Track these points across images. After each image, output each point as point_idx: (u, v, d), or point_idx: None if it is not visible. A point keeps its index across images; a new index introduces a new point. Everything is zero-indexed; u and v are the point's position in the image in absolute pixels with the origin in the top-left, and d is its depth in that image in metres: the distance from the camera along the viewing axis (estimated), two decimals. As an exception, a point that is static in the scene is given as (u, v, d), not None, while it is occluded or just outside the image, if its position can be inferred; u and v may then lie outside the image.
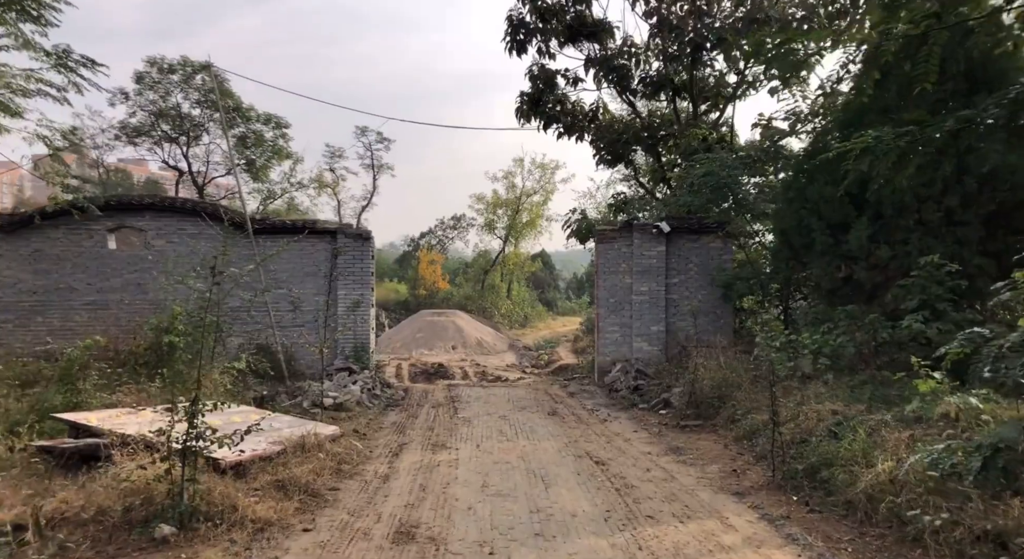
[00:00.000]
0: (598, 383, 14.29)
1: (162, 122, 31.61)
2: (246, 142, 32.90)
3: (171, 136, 32.10)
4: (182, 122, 31.74)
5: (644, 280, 14.02)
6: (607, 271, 14.23)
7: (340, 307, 13.81)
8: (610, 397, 12.98)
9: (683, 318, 14.10)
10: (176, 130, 31.91)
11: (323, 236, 13.87)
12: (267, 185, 35.07)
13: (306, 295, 13.85)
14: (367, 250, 13.85)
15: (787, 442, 7.37)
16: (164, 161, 33.62)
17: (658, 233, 13.90)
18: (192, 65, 30.52)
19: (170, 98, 31.12)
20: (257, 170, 33.60)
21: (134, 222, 13.45)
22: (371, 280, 13.99)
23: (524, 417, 11.27)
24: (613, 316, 14.23)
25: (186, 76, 30.68)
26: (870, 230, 10.06)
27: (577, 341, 29.32)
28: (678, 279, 14.15)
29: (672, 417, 10.73)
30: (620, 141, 17.18)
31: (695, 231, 14.01)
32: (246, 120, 32.68)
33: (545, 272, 46.04)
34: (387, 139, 37.47)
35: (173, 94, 31.16)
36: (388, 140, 37.66)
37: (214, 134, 32.47)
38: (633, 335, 14.11)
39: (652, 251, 13.98)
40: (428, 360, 24.20)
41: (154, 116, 31.24)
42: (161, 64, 30.11)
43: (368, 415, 11.09)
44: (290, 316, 13.78)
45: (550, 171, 35.83)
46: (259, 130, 33.10)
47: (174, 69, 30.51)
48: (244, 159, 33.22)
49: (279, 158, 34.22)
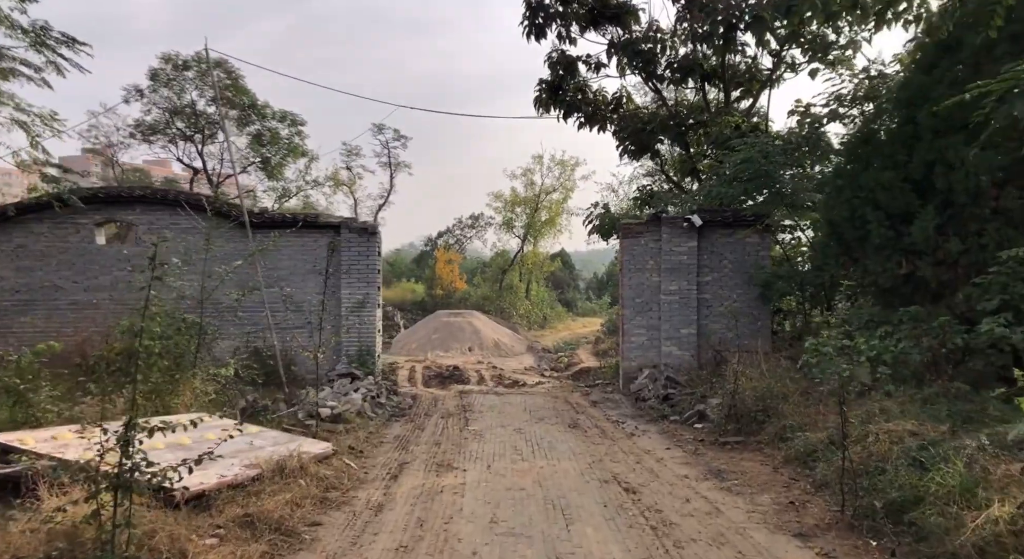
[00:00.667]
0: (623, 391, 13.02)
1: (177, 120, 30.91)
2: (261, 140, 32.08)
3: (186, 134, 31.34)
4: (197, 120, 30.97)
5: (673, 278, 12.74)
6: (633, 269, 12.96)
7: (343, 307, 12.69)
8: (637, 407, 11.72)
9: (716, 320, 12.79)
10: (191, 128, 31.17)
11: (326, 231, 12.76)
12: (282, 183, 34.16)
13: (308, 294, 12.75)
14: (373, 246, 12.72)
15: (855, 469, 6.07)
16: (179, 159, 32.85)
17: (689, 227, 12.60)
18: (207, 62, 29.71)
19: (185, 95, 30.35)
20: (272, 168, 32.72)
21: (124, 216, 12.44)
22: (377, 278, 12.85)
23: (542, 430, 10.04)
24: (639, 318, 12.96)
25: (201, 73, 29.88)
26: (937, 220, 8.71)
27: (598, 343, 28.03)
28: (711, 277, 12.84)
29: (709, 432, 9.45)
30: (645, 131, 15.89)
31: (729, 225, 12.69)
32: (261, 117, 31.85)
33: (564, 272, 44.74)
34: (404, 136, 36.49)
35: (188, 91, 30.36)
36: (405, 138, 36.65)
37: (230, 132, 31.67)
38: (661, 338, 12.82)
39: (682, 246, 12.69)
40: (443, 362, 23.12)
41: (169, 113, 30.53)
42: (176, 60, 29.32)
43: (369, 427, 9.93)
44: (290, 317, 12.68)
45: (570, 168, 34.57)
46: (274, 127, 32.28)
47: (188, 66, 29.71)
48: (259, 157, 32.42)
49: (294, 156, 33.36)
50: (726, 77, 15.74)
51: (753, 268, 12.47)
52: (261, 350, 12.06)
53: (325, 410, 9.91)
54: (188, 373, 8.68)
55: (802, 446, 7.57)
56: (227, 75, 29.88)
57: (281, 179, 33.62)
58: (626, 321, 13.02)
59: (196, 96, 30.39)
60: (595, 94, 17.59)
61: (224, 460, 6.59)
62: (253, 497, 5.98)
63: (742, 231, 12.58)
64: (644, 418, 10.89)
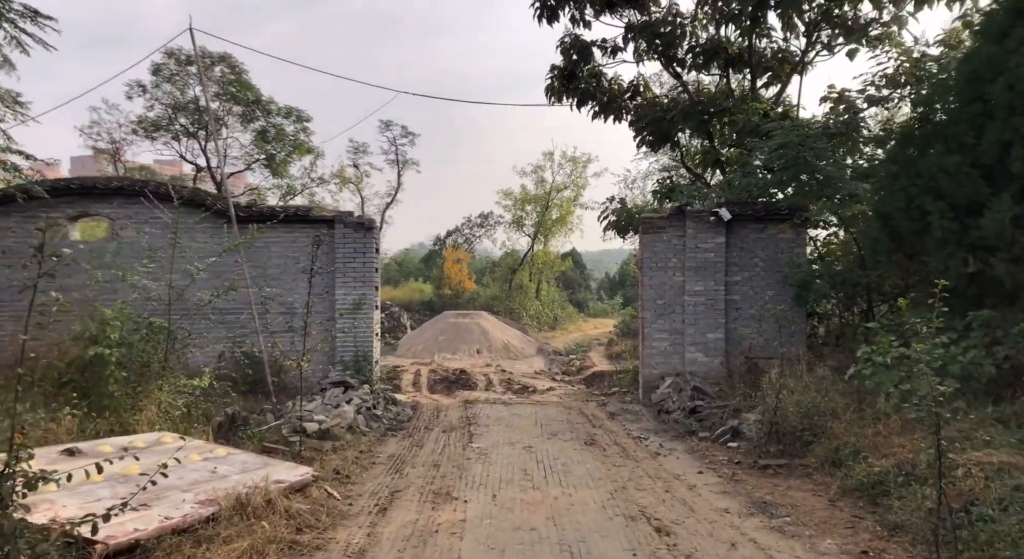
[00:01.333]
0: (643, 401, 11.80)
1: (180, 116, 29.96)
2: (266, 136, 31.08)
3: (189, 131, 30.38)
4: (200, 116, 29.98)
5: (699, 278, 11.51)
6: (654, 267, 11.75)
7: (337, 309, 11.54)
8: (659, 420, 10.50)
9: (746, 324, 11.56)
10: (195, 124, 30.21)
11: (319, 226, 11.61)
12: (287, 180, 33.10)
13: (300, 294, 11.60)
14: (370, 242, 11.57)
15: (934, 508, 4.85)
16: (182, 156, 31.85)
17: (716, 221, 11.38)
18: (211, 56, 28.75)
19: (188, 91, 29.38)
20: (277, 165, 31.71)
21: (100, 209, 11.33)
22: (375, 277, 11.70)
23: (555, 448, 8.86)
24: (661, 321, 11.74)
25: (204, 67, 28.86)
26: (1015, 211, 7.45)
27: (611, 345, 26.79)
28: (740, 276, 11.60)
29: (746, 453, 8.23)
30: (665, 119, 14.65)
31: (760, 219, 11.45)
32: (266, 113, 30.85)
33: (576, 272, 43.48)
34: (412, 133, 35.38)
35: (191, 87, 29.38)
36: (413, 134, 35.56)
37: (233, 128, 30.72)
38: (685, 344, 11.60)
39: (709, 243, 11.47)
40: (450, 365, 22.02)
41: (172, 110, 29.59)
42: (179, 55, 28.33)
43: (361, 444, 8.77)
44: (280, 319, 11.55)
45: (581, 165, 33.33)
46: (279, 124, 31.28)
47: (192, 61, 28.69)
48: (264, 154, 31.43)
49: (299, 153, 32.35)
50: (752, 61, 14.48)
51: (788, 266, 11.22)
52: (249, 355, 10.93)
53: (312, 425, 8.76)
54: (153, 385, 7.55)
55: (864, 475, 6.34)
56: (231, 70, 28.92)
57: (286, 176, 32.59)
58: (646, 324, 11.80)
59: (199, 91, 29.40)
60: (610, 82, 16.37)
61: (175, 495, 5.45)
62: (204, 545, 4.83)
63: (775, 226, 11.34)
64: (669, 434, 9.68)
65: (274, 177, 32.05)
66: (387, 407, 11.08)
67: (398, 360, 23.57)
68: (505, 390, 17.03)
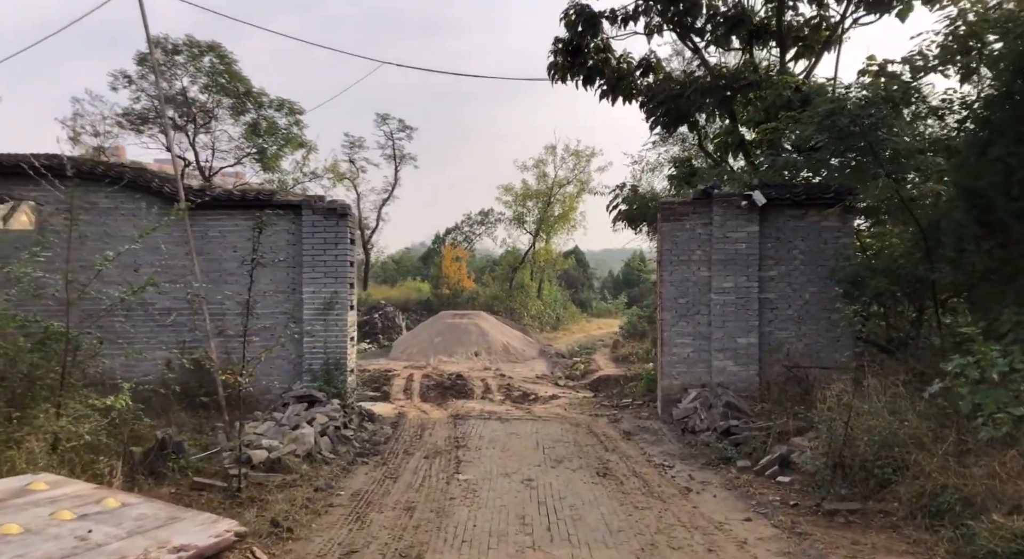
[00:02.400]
0: (662, 416, 9.98)
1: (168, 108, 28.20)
2: (257, 129, 29.33)
3: (177, 124, 28.62)
4: (189, 108, 28.24)
5: (728, 272, 9.70)
6: (675, 260, 9.93)
7: (305, 309, 9.73)
8: (684, 442, 8.67)
9: (783, 326, 9.74)
10: (183, 117, 28.47)
11: (284, 213, 9.81)
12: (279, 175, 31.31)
13: (264, 292, 9.82)
14: (343, 231, 9.76)
15: None
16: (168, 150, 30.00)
17: (748, 206, 9.55)
18: (199, 45, 27.02)
19: (176, 82, 27.62)
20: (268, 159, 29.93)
21: (23, 192, 9.53)
22: (349, 272, 9.90)
23: (561, 481, 7.05)
24: (683, 323, 9.92)
25: (192, 57, 27.18)
26: None
27: (616, 347, 24.96)
28: (776, 271, 9.78)
29: (802, 491, 6.41)
30: (683, 96, 12.81)
31: (800, 204, 9.63)
32: (258, 106, 29.13)
33: (578, 270, 41.61)
34: (409, 127, 33.66)
35: (179, 77, 27.61)
36: (410, 128, 33.85)
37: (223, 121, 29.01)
38: (712, 350, 9.78)
39: (740, 232, 9.65)
40: (446, 369, 20.23)
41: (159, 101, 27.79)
42: (165, 44, 26.58)
43: (320, 477, 6.95)
44: (239, 321, 9.73)
45: (585, 159, 31.45)
46: (271, 116, 29.55)
47: (179, 50, 26.95)
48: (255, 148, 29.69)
49: (291, 146, 30.57)
50: (781, 29, 12.65)
51: (834, 259, 9.38)
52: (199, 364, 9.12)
53: (259, 453, 6.95)
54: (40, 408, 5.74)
55: (996, 542, 4.50)
56: (220, 60, 27.20)
57: (277, 171, 30.82)
58: (666, 327, 9.98)
59: (188, 82, 27.71)
60: (619, 60, 14.55)
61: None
62: None
63: (817, 212, 9.53)
64: (698, 460, 7.85)
65: (265, 171, 30.28)
66: (361, 425, 9.27)
67: (391, 363, 21.79)
68: (504, 398, 15.26)
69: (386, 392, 15.75)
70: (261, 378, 9.76)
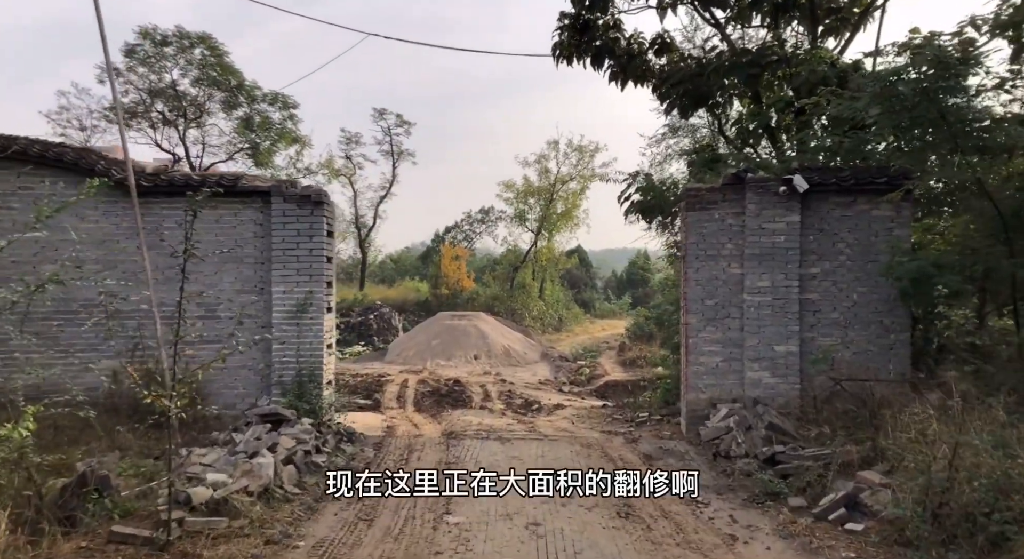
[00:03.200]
0: (688, 435, 8.55)
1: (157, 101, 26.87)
2: (250, 124, 27.99)
3: (167, 118, 27.25)
4: (179, 102, 26.87)
5: (764, 269, 8.27)
6: (701, 255, 8.50)
7: (275, 312, 8.31)
8: (717, 468, 7.24)
9: (827, 331, 8.30)
10: (174, 111, 27.11)
11: (251, 201, 8.39)
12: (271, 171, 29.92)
13: (226, 292, 8.40)
14: (318, 222, 8.34)
15: None
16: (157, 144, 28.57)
17: (788, 193, 8.13)
18: (189, 37, 25.66)
19: (165, 75, 26.25)
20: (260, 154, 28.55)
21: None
22: (326, 269, 8.47)
23: (574, 525, 5.63)
24: (711, 328, 8.49)
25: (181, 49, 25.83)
26: None
27: (623, 350, 23.55)
28: (819, 268, 8.35)
29: (882, 544, 4.98)
30: (703, 74, 11.37)
31: (848, 190, 8.19)
32: (250, 100, 27.78)
33: (581, 270, 40.13)
34: (407, 122, 32.25)
35: (169, 70, 26.24)
36: (408, 123, 32.44)
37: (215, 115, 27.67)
38: (745, 359, 8.34)
39: (778, 222, 8.22)
40: (443, 373, 18.81)
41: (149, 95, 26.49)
42: (154, 35, 25.21)
43: (276, 523, 5.52)
44: (200, 326, 8.31)
45: (588, 155, 30.03)
46: (264, 111, 28.21)
47: (168, 41, 25.56)
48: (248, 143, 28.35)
49: (285, 141, 29.21)
50: (813, 1, 11.21)
51: (887, 253, 7.94)
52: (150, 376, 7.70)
53: (202, 491, 5.53)
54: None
55: None
56: (211, 52, 25.87)
57: (270, 167, 29.44)
58: (692, 332, 8.54)
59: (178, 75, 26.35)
60: (629, 40, 13.11)
61: None
62: None
63: (868, 199, 8.10)
64: (737, 495, 6.43)
65: (257, 167, 28.89)
66: (339, 447, 7.84)
67: (386, 367, 20.40)
68: (505, 407, 13.87)
69: (377, 400, 14.36)
70: (223, 392, 8.36)
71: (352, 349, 23.34)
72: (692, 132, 18.59)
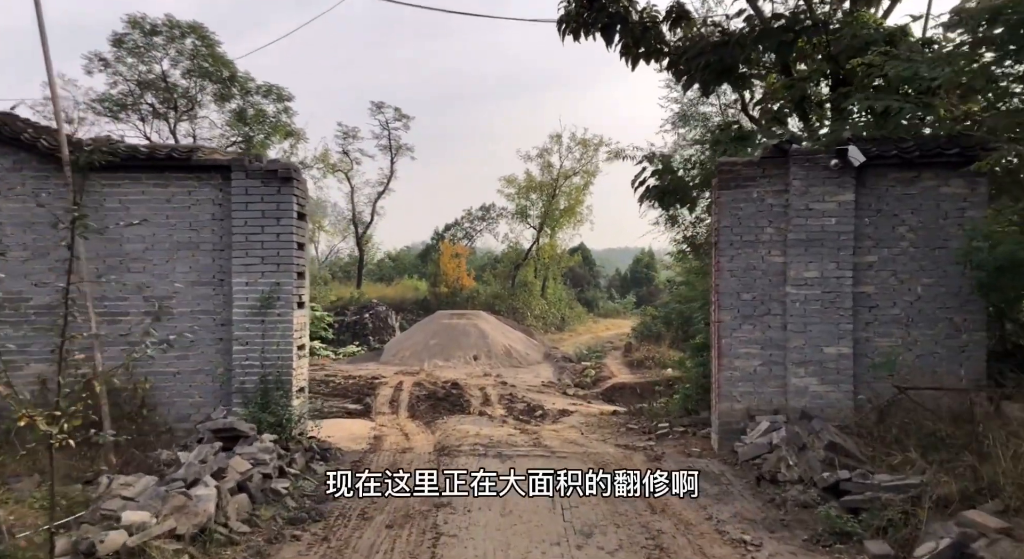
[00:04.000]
0: (721, 452, 7.20)
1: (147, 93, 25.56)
2: (244, 117, 26.69)
3: (157, 110, 25.92)
4: (170, 94, 25.55)
5: (811, 257, 6.93)
6: (737, 241, 7.16)
7: (236, 308, 6.97)
8: (763, 496, 5.89)
9: (886, 330, 6.96)
10: (164, 103, 25.79)
11: (209, 177, 7.06)
12: (264, 166, 28.37)
13: (178, 283, 7.06)
14: (287, 202, 7.00)
15: None
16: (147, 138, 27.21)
17: (839, 168, 6.79)
18: (179, 26, 24.35)
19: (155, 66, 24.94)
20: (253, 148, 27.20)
21: None
22: (297, 257, 7.13)
23: (597, 582, 4.29)
24: (748, 326, 7.15)
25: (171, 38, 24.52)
26: None
27: (629, 351, 22.25)
28: (876, 255, 7.00)
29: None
30: (728, 43, 10.03)
31: (911, 164, 6.85)
32: (244, 92, 26.46)
33: (584, 268, 38.77)
34: (406, 116, 30.93)
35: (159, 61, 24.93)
36: (407, 117, 31.11)
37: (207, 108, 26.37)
38: (789, 363, 7.00)
39: (828, 202, 6.88)
40: (441, 375, 17.54)
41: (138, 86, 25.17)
42: (143, 25, 23.89)
43: (208, 578, 4.20)
44: (147, 324, 6.98)
45: (593, 148, 28.67)
46: (258, 103, 26.91)
47: (157, 30, 24.24)
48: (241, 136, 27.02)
49: (279, 134, 27.90)
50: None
51: (966, 238, 6.60)
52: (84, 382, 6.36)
53: (115, 536, 4.20)
54: None
55: None
56: (202, 41, 24.57)
57: (263, 160, 28.08)
58: (724, 332, 7.19)
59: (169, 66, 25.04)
60: (642, 14, 11.76)
61: None
62: None
63: (935, 174, 6.76)
64: (795, 533, 5.08)
65: (250, 162, 27.57)
66: (309, 467, 6.50)
67: (381, 368, 19.12)
68: (506, 413, 12.58)
69: (368, 405, 13.07)
70: (176, 401, 7.02)
71: (346, 349, 22.04)
72: (704, 121, 17.27)
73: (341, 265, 37.43)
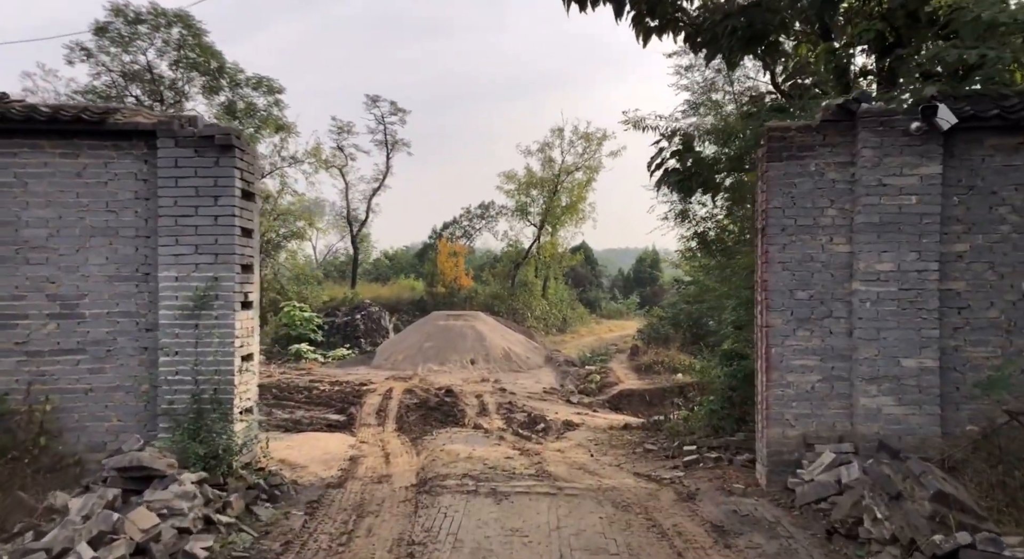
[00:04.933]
0: (769, 489, 5.68)
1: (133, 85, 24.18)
2: (233, 111, 25.31)
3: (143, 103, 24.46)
4: (156, 85, 24.16)
5: (886, 245, 5.43)
6: (790, 225, 5.66)
7: (163, 308, 5.46)
8: (837, 557, 4.40)
9: (981, 337, 5.45)
10: (150, 96, 24.37)
11: (130, 145, 5.56)
12: (254, 160, 26.93)
13: (91, 278, 5.55)
14: (228, 177, 5.48)
15: None
16: (132, 132, 25.59)
17: (922, 133, 5.29)
18: (165, 15, 22.95)
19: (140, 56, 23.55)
20: (242, 142, 25.69)
21: None
22: (241, 246, 5.62)
23: None
24: (804, 331, 5.64)
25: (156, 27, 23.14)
26: None
27: (635, 354, 20.74)
28: (969, 244, 5.49)
29: None
30: (759, 4, 8.53)
31: (1014, 127, 5.35)
32: (233, 84, 25.09)
33: (586, 268, 37.26)
34: (402, 110, 29.54)
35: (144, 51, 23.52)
36: (403, 111, 29.72)
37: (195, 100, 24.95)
38: (856, 379, 5.50)
39: (908, 176, 5.38)
40: (435, 381, 16.06)
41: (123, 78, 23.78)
42: (127, 13, 22.49)
43: None
44: (52, 327, 5.48)
45: (595, 143, 27.19)
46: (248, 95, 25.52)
47: (142, 19, 22.82)
48: (231, 130, 25.46)
49: (269, 128, 26.47)
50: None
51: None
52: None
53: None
54: None
55: None
56: (189, 31, 23.20)
57: (253, 155, 26.64)
58: (774, 339, 5.68)
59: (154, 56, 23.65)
60: (656, -19, 10.25)
61: None
62: None
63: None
64: (903, 622, 3.59)
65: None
66: (250, 511, 4.99)
67: (372, 372, 17.64)
68: (505, 424, 11.14)
69: (352, 416, 11.58)
70: (88, 426, 5.51)
71: (336, 352, 20.52)
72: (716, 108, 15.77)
73: (336, 264, 35.98)
